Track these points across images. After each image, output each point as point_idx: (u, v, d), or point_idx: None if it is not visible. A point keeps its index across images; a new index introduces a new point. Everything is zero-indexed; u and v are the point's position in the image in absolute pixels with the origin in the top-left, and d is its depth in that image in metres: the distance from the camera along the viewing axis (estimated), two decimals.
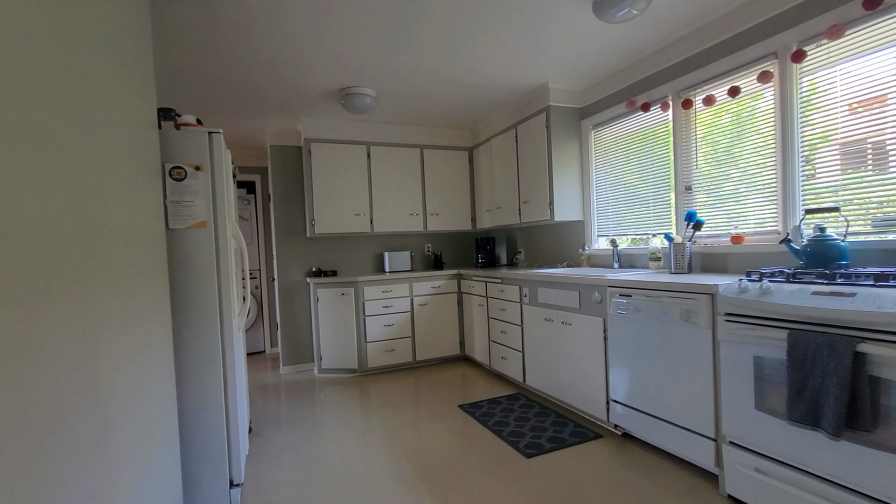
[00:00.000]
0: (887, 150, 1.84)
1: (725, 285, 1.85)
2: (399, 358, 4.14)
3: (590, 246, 3.50)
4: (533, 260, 4.25)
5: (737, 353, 1.79)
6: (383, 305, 4.08)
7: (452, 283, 4.36)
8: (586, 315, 2.67)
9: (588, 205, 3.50)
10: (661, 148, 2.87)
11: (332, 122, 4.09)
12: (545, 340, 3.07)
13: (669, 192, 2.82)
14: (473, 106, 3.83)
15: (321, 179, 4.09)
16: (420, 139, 4.47)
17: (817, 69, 2.06)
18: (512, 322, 3.48)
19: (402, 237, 4.78)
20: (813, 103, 2.09)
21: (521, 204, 3.83)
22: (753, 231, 2.37)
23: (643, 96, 2.96)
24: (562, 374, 2.90)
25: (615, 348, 2.45)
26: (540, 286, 3.11)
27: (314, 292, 4.05)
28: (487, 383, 3.67)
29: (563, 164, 3.46)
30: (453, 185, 4.62)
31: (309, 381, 3.96)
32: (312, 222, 4.07)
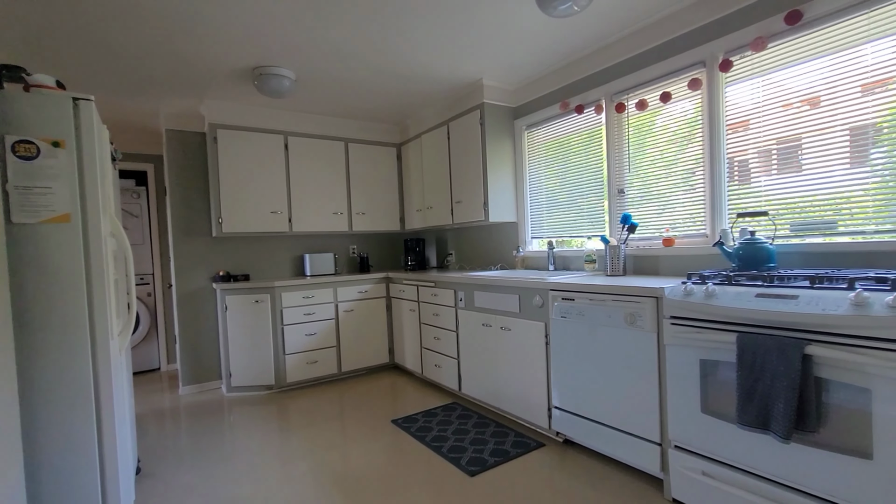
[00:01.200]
0: (805, 159, 1.96)
1: (670, 288, 1.84)
2: (323, 370, 3.77)
3: (524, 248, 3.45)
4: (465, 262, 4.13)
5: (683, 356, 1.78)
6: (304, 313, 3.69)
7: (381, 288, 4.09)
8: (527, 319, 2.58)
9: (522, 206, 3.45)
10: (594, 151, 2.89)
11: (243, 107, 3.61)
12: (483, 347, 2.94)
13: (603, 195, 2.84)
14: (403, 99, 3.61)
15: (230, 172, 3.59)
16: (345, 132, 4.14)
17: (743, 79, 2.15)
18: (446, 328, 3.31)
19: (324, 238, 4.39)
20: (738, 111, 2.19)
21: (453, 204, 3.69)
22: (684, 234, 2.44)
23: (577, 98, 2.96)
24: (501, 381, 2.79)
25: (557, 353, 2.38)
26: (477, 290, 2.98)
27: (222, 300, 3.54)
28: (420, 393, 3.46)
29: (497, 163, 3.37)
30: (381, 183, 4.35)
31: (215, 403, 3.44)
32: (220, 220, 3.56)
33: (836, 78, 1.85)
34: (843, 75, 1.84)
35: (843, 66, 1.83)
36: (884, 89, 1.74)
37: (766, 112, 2.08)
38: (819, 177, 1.92)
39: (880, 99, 1.74)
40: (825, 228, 1.92)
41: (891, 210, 1.74)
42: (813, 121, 1.93)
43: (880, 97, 1.74)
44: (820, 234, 1.93)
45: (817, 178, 1.92)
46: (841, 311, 1.32)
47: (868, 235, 1.79)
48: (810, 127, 1.93)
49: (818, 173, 1.92)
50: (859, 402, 1.31)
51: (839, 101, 1.85)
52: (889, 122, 1.73)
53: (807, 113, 1.95)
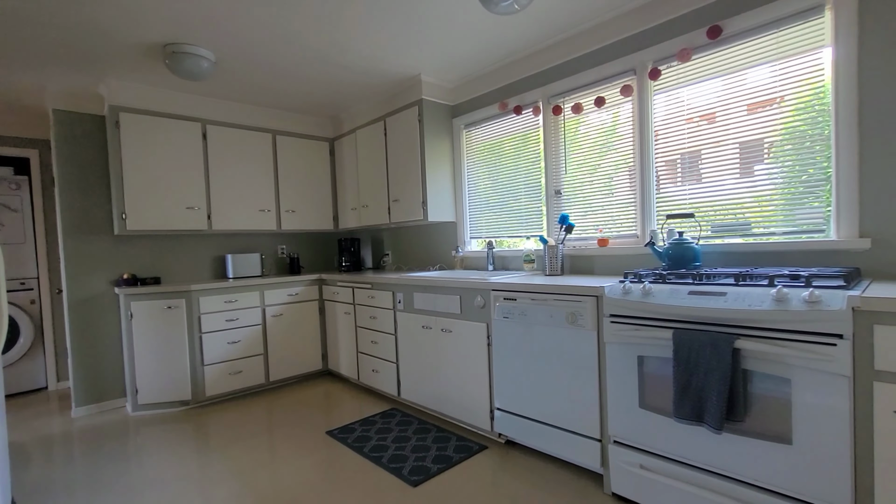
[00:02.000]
0: (724, 165, 2.11)
1: (610, 287, 1.88)
2: (248, 380, 3.47)
3: (463, 248, 3.42)
4: (402, 263, 4.02)
5: (622, 353, 1.82)
6: (227, 319, 3.36)
7: (313, 290, 3.85)
8: (469, 321, 2.54)
9: (461, 206, 3.42)
10: (532, 152, 2.92)
11: (152, 89, 3.21)
12: (423, 350, 2.85)
13: (541, 196, 2.89)
14: (337, 91, 3.42)
15: (136, 162, 3.17)
16: (273, 123, 3.84)
17: (671, 87, 2.27)
18: (384, 331, 3.19)
19: (249, 237, 4.06)
20: (666, 118, 2.31)
21: (390, 203, 3.56)
22: (617, 235, 2.54)
23: (515, 99, 2.98)
24: (442, 384, 2.73)
25: (499, 354, 2.36)
26: (417, 291, 2.89)
27: (126, 306, 3.12)
28: (357, 401, 3.30)
29: (436, 162, 3.30)
30: (312, 180, 4.10)
31: (118, 424, 3.02)
32: (123, 216, 3.13)
33: (730, 95, 2.01)
34: (734, 93, 2.00)
35: (734, 86, 1.99)
36: (775, 107, 1.91)
37: (687, 120, 2.21)
38: (734, 182, 2.07)
39: (768, 117, 1.92)
40: (742, 230, 2.07)
41: (794, 213, 1.91)
42: (721, 132, 2.08)
43: (767, 114, 1.92)
44: (738, 235, 2.08)
45: (733, 183, 2.08)
46: (765, 307, 1.41)
47: (778, 236, 1.96)
48: (721, 137, 2.08)
49: (733, 179, 2.07)
50: (781, 391, 1.41)
51: (733, 116, 2.01)
52: (783, 137, 1.90)
53: (717, 124, 2.09)
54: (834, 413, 1.32)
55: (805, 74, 1.87)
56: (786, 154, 1.93)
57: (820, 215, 1.86)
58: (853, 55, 1.74)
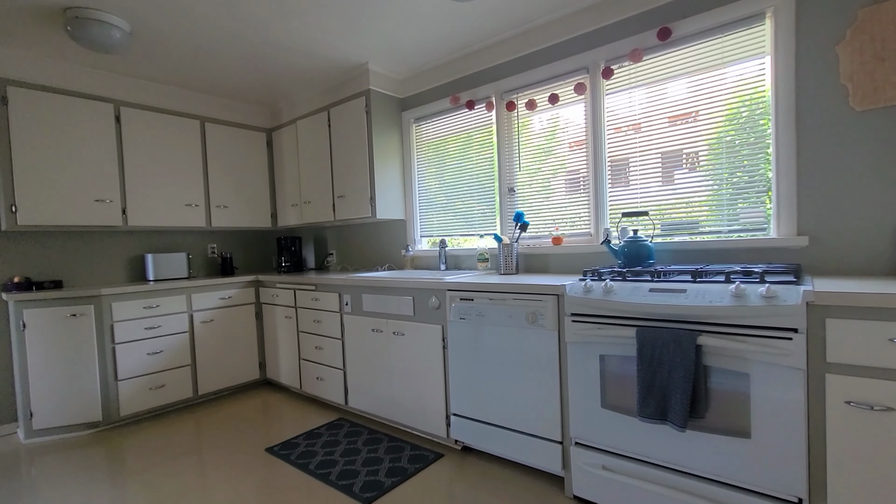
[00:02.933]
0: (673, 165, 2.16)
1: (571, 285, 1.85)
2: (172, 395, 3.09)
3: (413, 247, 3.28)
4: (347, 263, 3.81)
5: (583, 353, 1.79)
6: (146, 327, 2.97)
7: (248, 293, 3.53)
8: (423, 323, 2.41)
9: (410, 203, 3.28)
10: (485, 148, 2.86)
11: (51, 61, 2.75)
12: (373, 354, 2.68)
13: (494, 194, 2.83)
14: (276, 75, 3.15)
15: (29, 145, 2.71)
16: (201, 109, 3.47)
17: (624, 88, 2.29)
18: (330, 335, 2.97)
19: (174, 235, 3.64)
20: (617, 117, 2.33)
21: (335, 199, 3.35)
22: (571, 233, 2.53)
23: (468, 93, 2.89)
24: (394, 391, 2.58)
25: (456, 357, 2.26)
26: (365, 292, 2.71)
27: (16, 315, 2.64)
28: (299, 412, 3.05)
29: (384, 156, 3.14)
30: (247, 173, 3.77)
31: (6, 456, 2.55)
32: (13, 208, 2.66)
33: (672, 101, 2.07)
34: (676, 99, 2.06)
35: (681, 90, 2.06)
36: (722, 110, 1.98)
37: (643, 120, 2.24)
38: (683, 181, 2.13)
39: (712, 122, 1.99)
40: (690, 228, 2.13)
41: (738, 213, 1.99)
42: (678, 134, 2.13)
43: (712, 119, 1.99)
44: (687, 233, 2.14)
45: (681, 183, 2.13)
46: (725, 303, 1.43)
47: (724, 234, 2.04)
48: (676, 139, 2.13)
49: (681, 179, 2.13)
50: (740, 386, 1.43)
51: (677, 120, 2.07)
52: (727, 140, 1.98)
53: (676, 126, 2.14)
54: (790, 405, 1.35)
55: (749, 80, 1.95)
56: (731, 155, 2.00)
57: (762, 214, 1.94)
58: (791, 62, 1.83)
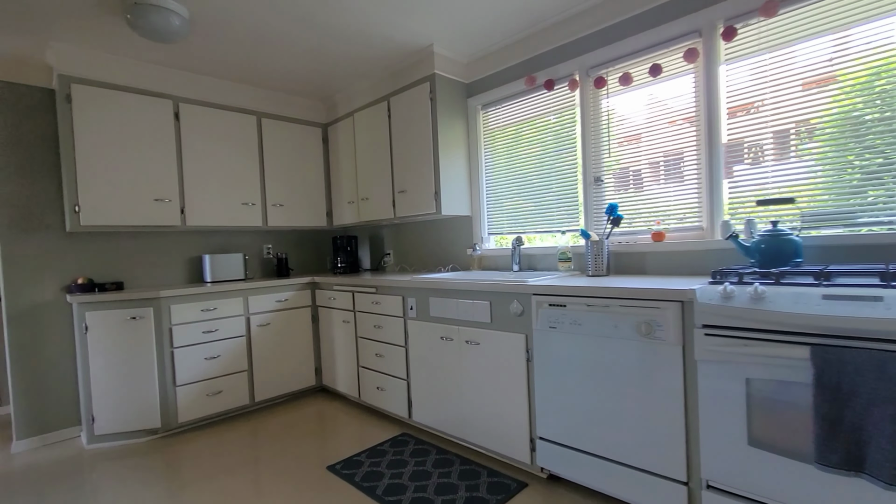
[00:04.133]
0: (820, 140, 1.74)
1: (702, 289, 1.49)
2: (230, 402, 2.96)
3: (481, 246, 2.99)
4: (406, 263, 3.57)
5: (721, 374, 1.43)
6: (203, 330, 2.85)
7: (304, 295, 3.37)
8: (502, 331, 2.12)
9: (477, 198, 3.00)
10: (566, 133, 2.52)
11: (113, 57, 2.69)
12: (441, 365, 2.41)
13: (577, 185, 2.49)
14: (332, 65, 2.96)
15: (92, 144, 2.65)
16: (258, 104, 3.35)
17: (748, 53, 1.90)
18: (392, 342, 2.73)
19: (230, 235, 3.55)
20: (738, 88, 1.93)
21: (395, 195, 3.12)
22: (676, 227, 2.15)
23: (546, 73, 2.57)
24: (466, 407, 2.29)
25: (543, 372, 1.94)
26: (433, 296, 2.45)
27: (80, 317, 2.58)
28: (358, 423, 2.83)
29: (449, 147, 2.87)
30: (303, 170, 3.62)
31: (69, 461, 2.48)
32: (76, 209, 2.60)
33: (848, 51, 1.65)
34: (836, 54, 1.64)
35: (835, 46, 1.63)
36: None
37: (775, 91, 1.84)
38: (836, 163, 1.71)
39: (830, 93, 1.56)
40: (845, 219, 1.71)
41: None
42: (820, 102, 1.71)
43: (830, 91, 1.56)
44: (840, 226, 1.71)
45: (834, 164, 1.71)
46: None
47: (885, 226, 1.60)
48: (808, 109, 1.72)
49: (835, 159, 1.71)
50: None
51: (834, 83, 1.65)
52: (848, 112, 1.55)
53: (812, 94, 1.73)
54: None
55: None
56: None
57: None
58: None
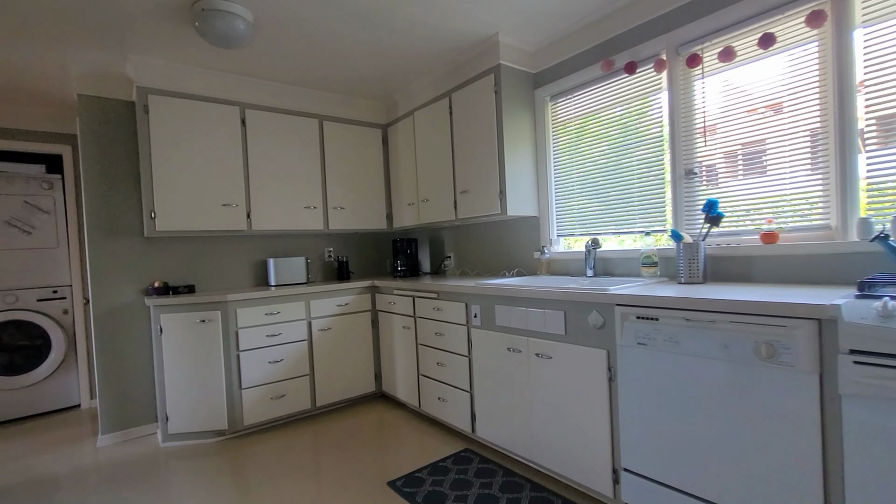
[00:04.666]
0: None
1: (848, 304, 1.18)
2: (292, 406, 2.95)
3: (549, 248, 2.76)
4: (467, 267, 3.41)
5: (879, 415, 1.12)
6: (268, 334, 2.87)
7: (365, 299, 3.31)
8: (578, 345, 1.88)
9: (545, 196, 2.77)
10: (650, 121, 2.24)
11: (184, 67, 2.77)
12: (507, 378, 2.22)
13: (664, 178, 2.19)
14: (393, 63, 2.86)
15: (166, 151, 2.74)
16: (319, 107, 3.35)
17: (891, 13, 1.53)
18: (454, 351, 2.58)
19: (293, 238, 3.58)
20: (879, 53, 1.57)
21: (457, 195, 2.96)
22: (792, 227, 1.80)
23: (626, 54, 2.30)
24: (536, 426, 2.08)
25: (630, 394, 1.69)
26: (499, 303, 2.26)
27: (156, 319, 2.68)
28: (419, 434, 2.71)
29: (515, 143, 2.67)
30: (363, 172, 3.58)
31: (145, 459, 2.57)
32: (152, 215, 2.70)
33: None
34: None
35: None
36: None
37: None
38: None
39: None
40: None
41: None
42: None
43: None
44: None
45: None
46: None
47: None
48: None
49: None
50: None
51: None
52: None
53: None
54: None
55: None
56: None
57: None
58: None
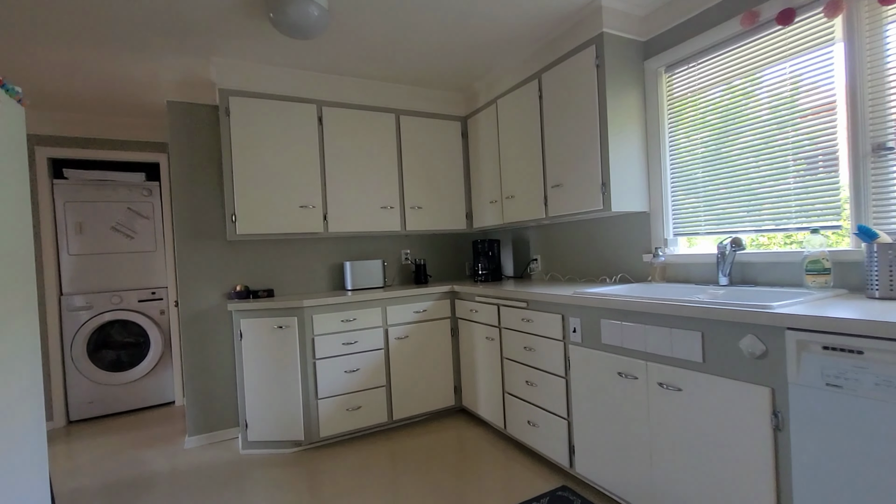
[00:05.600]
0: None
1: None
2: (368, 419, 2.78)
3: (664, 250, 2.29)
4: (557, 271, 3.02)
5: None
6: (343, 342, 2.72)
7: (444, 306, 3.06)
8: (722, 378, 1.44)
9: (659, 188, 2.31)
10: (814, 83, 1.71)
11: (261, 67, 2.71)
12: (618, 408, 1.82)
13: (837, 157, 1.66)
14: (472, 45, 2.57)
15: (246, 154, 2.70)
16: (396, 101, 3.16)
17: None
18: (547, 370, 2.22)
19: (370, 240, 3.43)
20: None
21: (547, 190, 2.60)
22: None
23: (778, 2, 1.79)
24: (658, 472, 1.66)
25: (812, 453, 1.23)
26: (606, 317, 1.87)
27: (236, 323, 2.63)
28: (504, 461, 2.38)
29: (620, 126, 2.25)
30: (441, 168, 3.33)
31: (226, 466, 2.52)
32: (233, 218, 2.67)
33: None
34: None
35: None
36: None
37: None
38: None
39: None
40: None
41: None
42: None
43: None
44: None
45: None
46: None
47: None
48: None
49: None
50: None
51: None
52: None
53: None
54: None
55: None
56: None
57: None
58: None
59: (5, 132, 1.36)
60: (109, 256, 3.53)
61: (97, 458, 2.73)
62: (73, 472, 2.55)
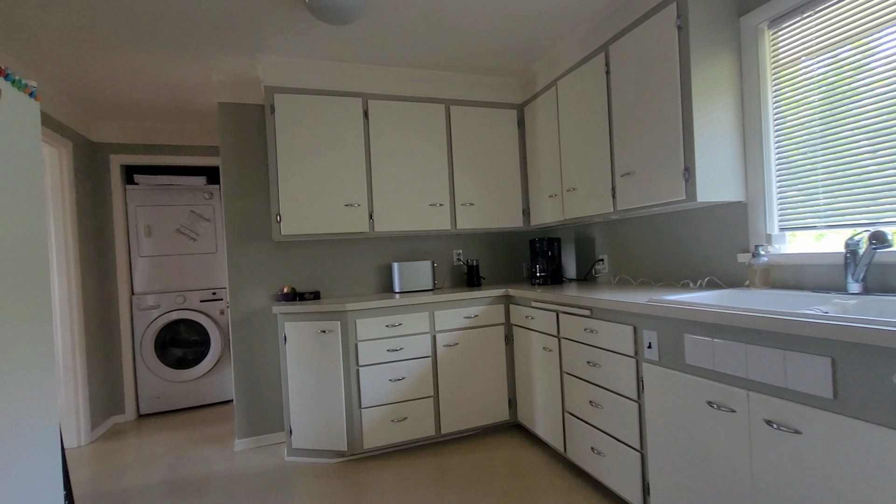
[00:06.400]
0: None
1: None
2: (414, 430, 2.59)
3: (767, 248, 1.86)
4: (628, 273, 2.63)
5: None
6: (388, 349, 2.55)
7: (497, 311, 2.79)
8: (864, 421, 1.05)
9: (759, 173, 1.88)
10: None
11: (305, 60, 2.62)
12: (707, 445, 1.45)
13: None
14: (530, 18, 2.28)
15: (291, 152, 2.62)
16: (445, 90, 2.95)
17: None
18: (615, 391, 1.88)
19: (419, 240, 3.25)
20: None
21: (615, 180, 2.25)
22: None
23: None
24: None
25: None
26: (691, 331, 1.51)
27: (281, 326, 2.56)
28: (565, 489, 2.07)
29: (708, 99, 1.85)
30: (495, 161, 3.06)
31: (270, 473, 2.45)
32: (278, 218, 2.60)
33: None
34: None
35: None
36: None
37: None
38: None
39: None
40: None
41: None
42: None
43: None
44: None
45: None
46: None
47: None
48: None
49: None
50: None
51: None
52: None
53: None
54: None
55: None
56: None
57: None
58: None
59: (13, 128, 1.29)
60: (174, 258, 3.67)
61: (156, 454, 2.80)
62: (122, 469, 2.62)
